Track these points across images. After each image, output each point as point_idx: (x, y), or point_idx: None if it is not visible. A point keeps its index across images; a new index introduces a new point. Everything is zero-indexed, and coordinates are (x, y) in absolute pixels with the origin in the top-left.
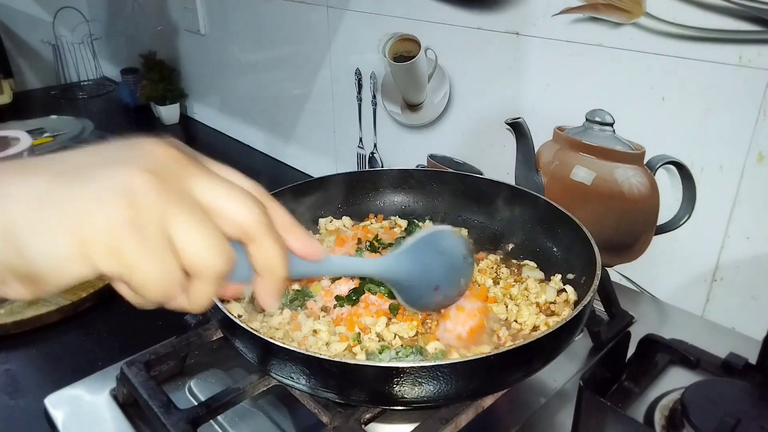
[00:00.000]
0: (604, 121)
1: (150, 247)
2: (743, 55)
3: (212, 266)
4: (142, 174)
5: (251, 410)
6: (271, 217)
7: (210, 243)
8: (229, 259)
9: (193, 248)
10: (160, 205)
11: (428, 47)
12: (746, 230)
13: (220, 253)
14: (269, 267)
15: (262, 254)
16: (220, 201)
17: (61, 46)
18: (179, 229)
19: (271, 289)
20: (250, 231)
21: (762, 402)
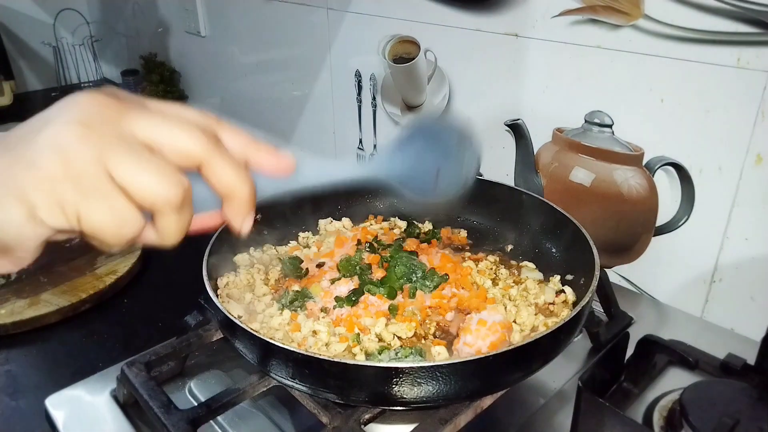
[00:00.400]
0: (603, 122)
1: (91, 192)
2: (742, 56)
3: (164, 195)
4: (69, 126)
5: (251, 411)
6: (226, 139)
7: (155, 174)
8: (180, 185)
9: (138, 183)
10: (92, 150)
11: (428, 49)
12: (745, 231)
13: (169, 181)
14: (229, 188)
15: (216, 177)
16: (158, 134)
17: (62, 48)
18: (120, 168)
19: (239, 210)
20: (195, 155)
21: (760, 403)
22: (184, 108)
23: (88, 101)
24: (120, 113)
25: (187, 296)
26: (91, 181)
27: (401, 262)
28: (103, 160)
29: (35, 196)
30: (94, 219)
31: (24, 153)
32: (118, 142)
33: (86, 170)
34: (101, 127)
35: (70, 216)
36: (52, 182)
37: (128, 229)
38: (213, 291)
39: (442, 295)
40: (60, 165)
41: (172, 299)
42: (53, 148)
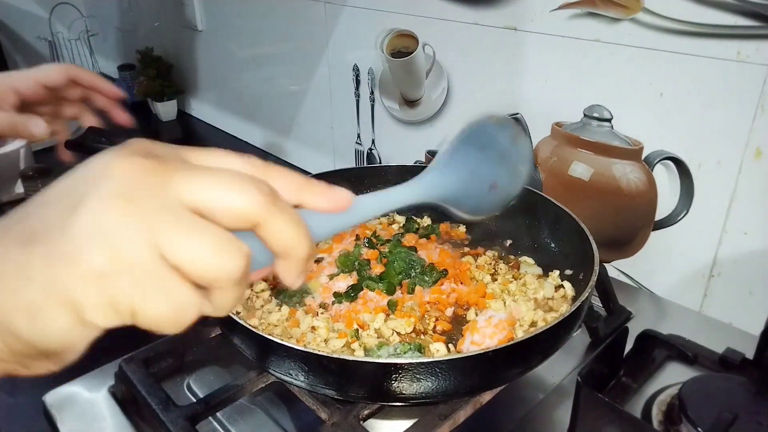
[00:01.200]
0: (602, 116)
1: (146, 282)
2: (741, 50)
3: (225, 272)
4: (109, 204)
5: (250, 407)
6: (277, 185)
7: (213, 248)
8: (243, 257)
9: (196, 261)
10: (140, 231)
11: (426, 43)
12: (744, 226)
13: (229, 255)
14: (287, 248)
15: (274, 237)
16: (209, 196)
17: (58, 43)
18: (173, 247)
19: (295, 268)
20: (251, 216)
21: (759, 397)
22: (228, 155)
23: (124, 167)
24: (163, 177)
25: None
26: (145, 270)
27: (400, 258)
28: (154, 241)
29: (83, 297)
30: (151, 312)
31: (61, 245)
32: (167, 215)
33: (138, 258)
34: (146, 200)
35: (123, 313)
36: (101, 279)
37: (188, 314)
38: None
39: (441, 291)
40: (108, 257)
41: None
42: (97, 237)
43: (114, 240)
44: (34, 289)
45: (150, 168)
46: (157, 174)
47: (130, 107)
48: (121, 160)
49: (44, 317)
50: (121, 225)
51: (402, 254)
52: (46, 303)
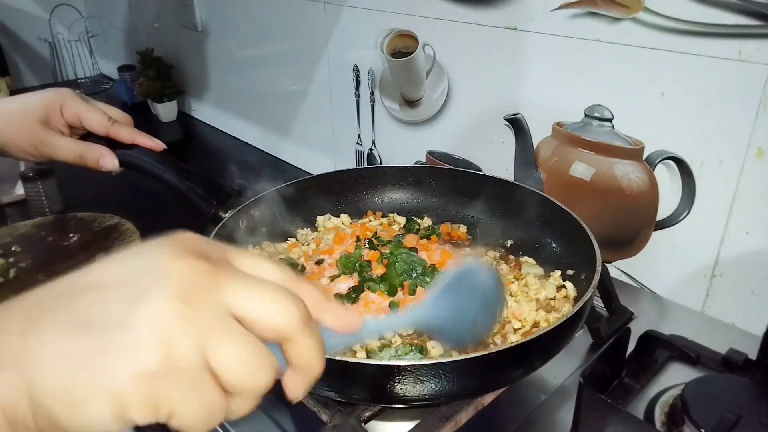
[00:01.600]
0: (603, 116)
1: (189, 387)
2: (743, 49)
3: (257, 383)
4: (169, 305)
5: None
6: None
7: (251, 361)
8: (274, 372)
9: (233, 371)
10: (194, 338)
11: (426, 43)
12: (746, 225)
13: (264, 369)
14: (305, 364)
15: (299, 353)
16: (253, 308)
17: (58, 44)
18: (217, 353)
19: (304, 383)
20: (285, 332)
21: (762, 398)
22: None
23: (183, 267)
24: (215, 282)
25: None
26: (192, 373)
27: (401, 259)
28: (203, 348)
29: (129, 393)
30: (187, 414)
31: (119, 340)
32: (217, 324)
33: (188, 361)
34: (201, 305)
35: (161, 413)
36: (152, 378)
37: (216, 419)
38: None
39: None
40: (162, 357)
41: None
42: (155, 336)
43: (170, 341)
44: (84, 378)
45: (205, 271)
46: (212, 279)
47: (130, 108)
48: (180, 258)
49: (88, 408)
50: (177, 327)
51: (403, 255)
52: (93, 394)
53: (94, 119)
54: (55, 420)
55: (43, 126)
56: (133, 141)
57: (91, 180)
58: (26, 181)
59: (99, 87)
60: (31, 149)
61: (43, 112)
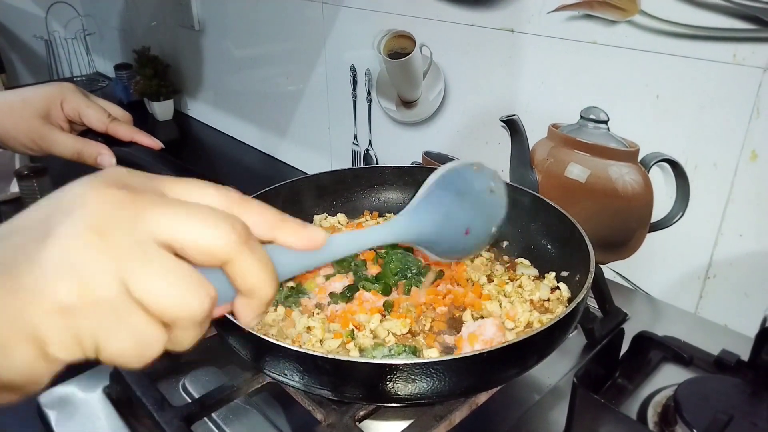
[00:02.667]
0: (599, 118)
1: (111, 318)
2: (737, 53)
3: (189, 312)
4: (80, 236)
5: (245, 407)
6: (252, 221)
7: (180, 289)
8: (209, 299)
9: (160, 299)
10: (109, 266)
11: (423, 44)
12: (739, 228)
13: (196, 296)
14: (252, 287)
15: (241, 275)
16: (181, 232)
17: (54, 42)
18: (140, 283)
19: (255, 308)
20: (222, 255)
21: (754, 398)
22: (206, 187)
23: (97, 198)
24: (136, 210)
25: None
26: (111, 305)
27: (396, 259)
28: (121, 276)
29: (47, 331)
30: (115, 347)
31: (27, 276)
32: (137, 251)
33: (105, 294)
34: (116, 234)
35: (87, 348)
36: (67, 313)
37: (151, 350)
38: None
39: (437, 292)
40: (75, 291)
41: None
42: (65, 270)
43: (81, 274)
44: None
45: (124, 200)
46: (130, 207)
47: (127, 107)
48: (95, 191)
49: (7, 351)
50: (89, 259)
51: (398, 255)
52: (9, 337)
53: (94, 115)
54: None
55: (43, 120)
56: (131, 139)
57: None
58: (21, 179)
59: (95, 85)
60: (30, 143)
61: (43, 106)
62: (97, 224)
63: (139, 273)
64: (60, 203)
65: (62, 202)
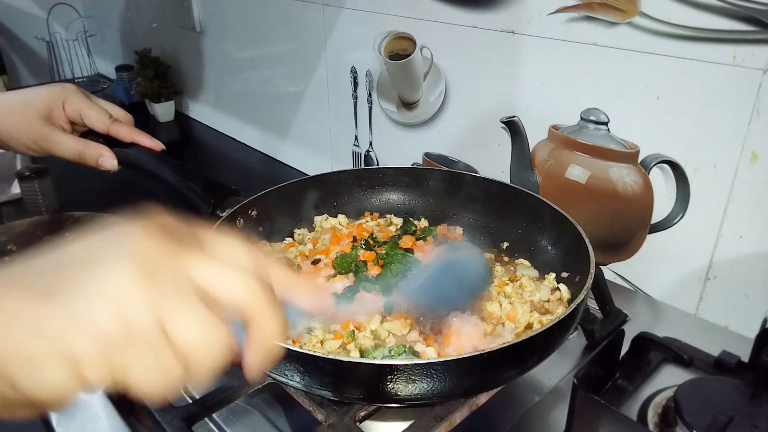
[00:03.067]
0: (599, 120)
1: (144, 351)
2: (737, 54)
3: (208, 355)
4: (126, 272)
5: (246, 408)
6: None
7: (205, 332)
8: (230, 350)
9: (188, 340)
10: (150, 304)
11: (424, 45)
12: (739, 229)
13: (216, 342)
14: (265, 346)
15: (260, 333)
16: (215, 284)
17: (56, 43)
18: (174, 324)
19: (264, 364)
20: (249, 311)
21: (754, 400)
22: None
23: (148, 244)
24: (177, 255)
25: None
26: (147, 340)
27: (397, 260)
28: (159, 314)
29: (84, 354)
30: (141, 378)
31: (74, 301)
32: (175, 293)
33: (143, 329)
34: (159, 274)
35: (116, 375)
36: (105, 341)
37: (172, 386)
38: None
39: None
40: (117, 322)
41: None
42: (110, 301)
43: (125, 307)
44: (42, 343)
45: (171, 248)
46: (175, 255)
47: (128, 108)
48: (147, 234)
49: (44, 369)
50: (134, 295)
51: (399, 256)
52: (49, 356)
53: (95, 116)
54: (14, 383)
55: (45, 121)
56: (132, 140)
57: (88, 179)
58: (22, 180)
59: (96, 87)
60: (31, 144)
61: (45, 106)
62: (143, 262)
63: (175, 315)
64: (113, 241)
65: (114, 240)
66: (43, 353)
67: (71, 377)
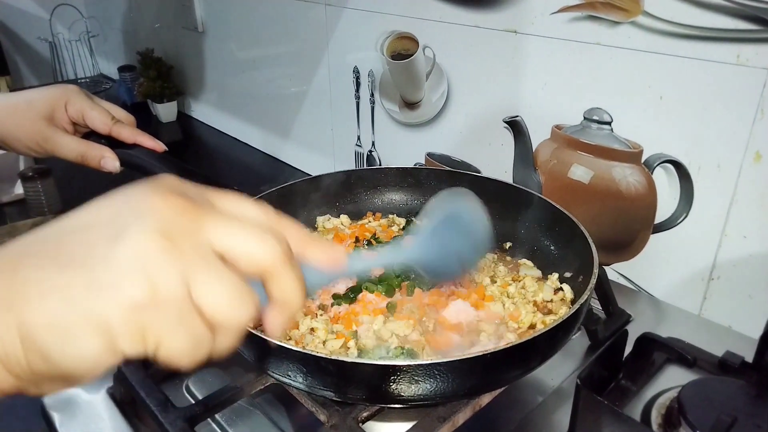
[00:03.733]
0: (602, 119)
1: (175, 318)
2: (741, 54)
3: (237, 319)
4: (151, 239)
5: (249, 409)
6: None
7: (233, 296)
8: (254, 308)
9: (216, 305)
10: (177, 270)
11: (426, 45)
12: (743, 229)
13: (245, 305)
14: (286, 300)
15: (280, 288)
16: (235, 244)
17: (58, 44)
18: (201, 289)
19: (283, 319)
20: (269, 268)
21: (758, 400)
22: (245, 202)
23: (164, 204)
24: (197, 220)
25: None
26: (176, 305)
27: None
28: (186, 280)
29: (118, 324)
30: (174, 344)
31: (103, 272)
32: (200, 258)
33: (172, 294)
34: (183, 240)
35: (149, 343)
36: (137, 309)
37: (202, 351)
38: None
39: (440, 293)
40: (146, 289)
41: None
42: (138, 269)
43: (153, 274)
44: (74, 313)
45: (185, 209)
46: (192, 216)
47: (130, 108)
48: (160, 196)
49: (78, 340)
50: (160, 260)
51: None
52: (82, 327)
53: (97, 118)
54: (46, 354)
55: (47, 122)
56: (134, 141)
57: (90, 180)
58: (25, 180)
59: (99, 87)
60: (34, 145)
61: (48, 107)
62: (164, 229)
63: (201, 278)
64: (127, 204)
65: (129, 203)
66: (75, 322)
67: (105, 346)
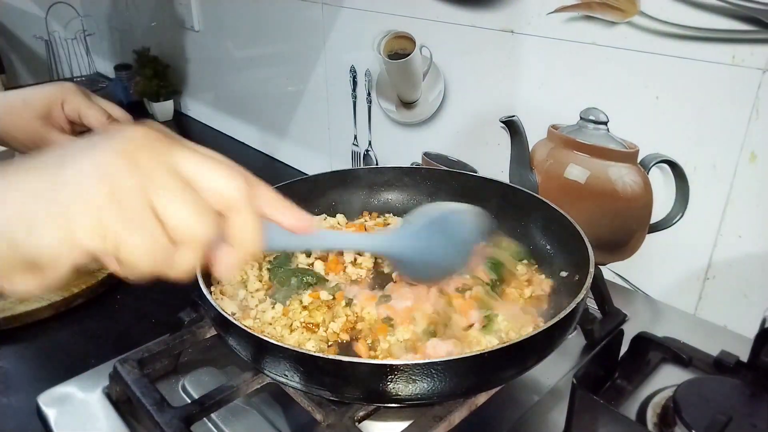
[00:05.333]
0: (598, 119)
1: (133, 220)
2: (736, 54)
3: (198, 233)
4: (117, 154)
5: (245, 408)
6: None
7: (193, 211)
8: (214, 226)
9: (177, 217)
10: (138, 180)
11: (423, 45)
12: (738, 229)
13: (205, 221)
14: (242, 240)
15: (238, 226)
16: (201, 172)
17: (54, 42)
18: (162, 201)
19: (235, 261)
20: (230, 201)
21: (753, 399)
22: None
23: (137, 133)
24: (167, 148)
25: (180, 293)
26: (135, 211)
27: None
28: (147, 191)
29: (78, 219)
30: (131, 247)
31: (67, 174)
32: (163, 175)
33: (131, 199)
34: (148, 159)
35: (109, 242)
36: (97, 207)
37: (160, 260)
38: (206, 288)
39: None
40: (106, 191)
41: (165, 295)
42: (100, 174)
43: (114, 180)
44: (38, 205)
45: (160, 138)
46: (164, 143)
47: (126, 107)
48: (136, 128)
49: (41, 230)
50: (123, 171)
51: None
52: (45, 218)
53: (94, 116)
54: (16, 243)
55: (44, 122)
56: None
57: None
58: None
59: (95, 86)
60: (30, 143)
61: (44, 106)
62: (133, 149)
63: (162, 192)
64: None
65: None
66: (38, 214)
67: (66, 239)
